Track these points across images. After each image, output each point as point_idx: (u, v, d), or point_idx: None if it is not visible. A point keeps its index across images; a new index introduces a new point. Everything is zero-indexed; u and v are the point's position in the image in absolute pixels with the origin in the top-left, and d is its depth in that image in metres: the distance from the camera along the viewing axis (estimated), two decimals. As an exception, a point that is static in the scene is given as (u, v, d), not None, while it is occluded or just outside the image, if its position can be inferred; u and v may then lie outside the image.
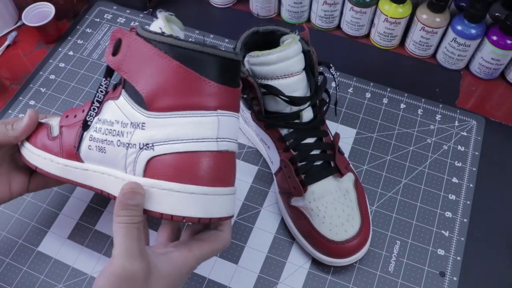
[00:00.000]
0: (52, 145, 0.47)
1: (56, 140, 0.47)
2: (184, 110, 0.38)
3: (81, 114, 0.46)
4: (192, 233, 0.44)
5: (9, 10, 0.77)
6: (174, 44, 0.37)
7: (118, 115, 0.41)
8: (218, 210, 0.40)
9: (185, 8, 0.81)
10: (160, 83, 0.38)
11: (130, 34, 0.39)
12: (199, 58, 0.38)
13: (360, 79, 0.71)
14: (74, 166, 0.46)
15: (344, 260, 0.53)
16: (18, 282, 0.54)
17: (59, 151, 0.46)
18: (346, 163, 0.56)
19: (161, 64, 0.38)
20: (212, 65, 0.38)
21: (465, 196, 0.60)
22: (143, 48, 0.38)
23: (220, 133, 0.39)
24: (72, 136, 0.45)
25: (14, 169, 0.51)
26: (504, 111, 0.68)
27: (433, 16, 0.67)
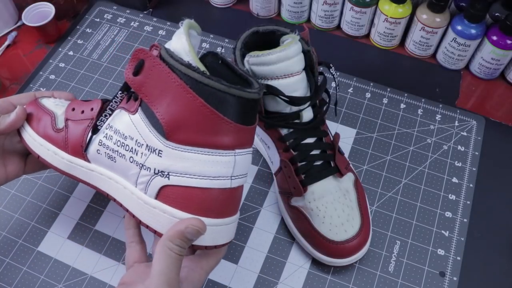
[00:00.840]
0: (57, 138, 0.46)
1: (61, 133, 0.46)
2: (203, 147, 0.38)
3: (90, 112, 0.45)
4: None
5: (9, 10, 0.77)
6: (201, 81, 0.37)
7: (133, 132, 0.40)
8: (223, 238, 0.41)
9: (185, 8, 0.81)
10: (181, 116, 0.38)
11: (155, 58, 0.38)
12: (223, 98, 0.37)
13: (360, 79, 0.71)
14: (80, 164, 0.45)
15: (344, 260, 0.53)
16: (18, 282, 0.54)
17: (64, 145, 0.46)
18: (346, 163, 0.56)
19: (185, 98, 0.37)
20: (235, 105, 0.38)
21: (465, 196, 0.60)
22: (167, 77, 0.37)
23: (235, 171, 0.40)
24: (79, 134, 0.45)
25: (9, 151, 0.51)
26: (504, 111, 0.68)
27: (433, 16, 0.67)
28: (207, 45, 0.75)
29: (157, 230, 0.40)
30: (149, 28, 0.77)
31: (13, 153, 0.51)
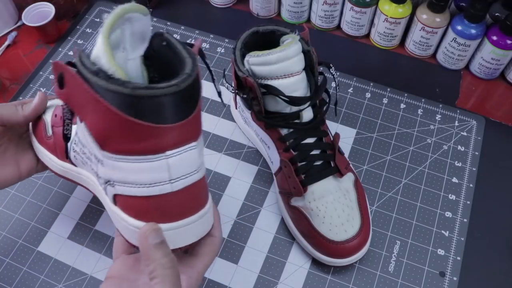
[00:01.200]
0: (49, 145, 0.48)
1: (51, 140, 0.48)
2: (131, 155, 0.35)
3: (60, 117, 0.46)
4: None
5: (9, 10, 0.77)
6: (107, 87, 0.33)
7: (84, 141, 0.40)
8: (192, 236, 0.39)
9: (185, 8, 0.81)
10: (104, 126, 0.35)
11: (68, 70, 0.36)
12: (133, 102, 0.33)
13: (360, 79, 0.71)
14: (69, 168, 0.47)
15: (344, 260, 0.53)
16: (18, 282, 0.54)
17: (55, 151, 0.47)
18: (346, 163, 0.56)
19: (99, 108, 0.34)
20: (150, 106, 0.33)
21: (465, 196, 0.60)
22: (82, 87, 0.34)
23: (172, 174, 0.36)
24: (61, 140, 0.46)
25: (22, 150, 0.52)
26: (504, 111, 0.68)
27: (433, 16, 0.67)
28: (207, 45, 0.75)
29: (123, 235, 0.40)
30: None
31: (27, 150, 0.52)
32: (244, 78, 0.51)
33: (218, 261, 0.55)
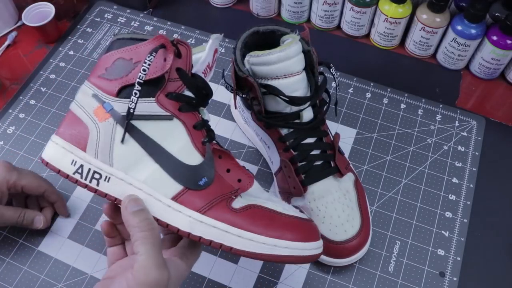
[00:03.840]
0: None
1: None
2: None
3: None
4: (173, 241, 0.45)
5: (9, 10, 0.77)
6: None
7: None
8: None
9: (185, 8, 0.81)
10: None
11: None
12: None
13: (360, 79, 0.71)
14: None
15: (344, 260, 0.53)
16: (18, 281, 0.54)
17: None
18: (346, 163, 0.56)
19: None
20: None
21: (465, 196, 0.60)
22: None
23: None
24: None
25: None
26: (504, 111, 0.68)
27: (433, 16, 0.67)
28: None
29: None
30: (149, 28, 0.77)
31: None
32: (244, 78, 0.51)
33: (218, 261, 0.55)
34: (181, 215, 0.41)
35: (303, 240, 0.42)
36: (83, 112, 0.43)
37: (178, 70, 0.42)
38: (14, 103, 0.69)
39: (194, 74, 0.44)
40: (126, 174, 0.41)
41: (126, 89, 0.42)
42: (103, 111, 0.42)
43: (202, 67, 0.44)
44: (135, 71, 0.41)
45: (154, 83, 0.41)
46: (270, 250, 0.40)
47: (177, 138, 0.42)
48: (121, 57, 0.42)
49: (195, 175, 0.42)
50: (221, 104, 0.68)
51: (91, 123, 0.42)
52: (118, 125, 0.41)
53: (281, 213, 0.43)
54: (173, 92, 0.42)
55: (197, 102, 0.44)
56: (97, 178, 0.42)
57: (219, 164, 0.43)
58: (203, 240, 0.40)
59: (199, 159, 0.42)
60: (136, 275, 0.37)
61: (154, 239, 0.38)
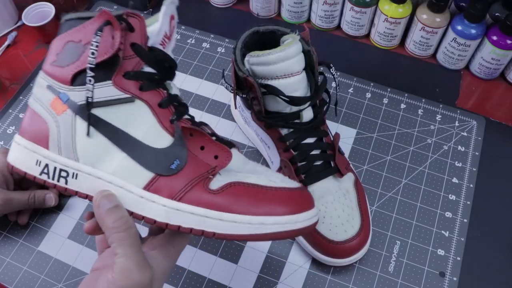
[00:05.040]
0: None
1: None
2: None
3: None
4: (160, 228, 0.43)
5: (9, 10, 0.77)
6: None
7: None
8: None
9: (185, 8, 0.80)
10: None
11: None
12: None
13: (360, 79, 0.71)
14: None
15: (344, 260, 0.53)
16: (18, 281, 0.54)
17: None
18: (346, 163, 0.56)
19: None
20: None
21: (465, 196, 0.60)
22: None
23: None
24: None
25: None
26: (504, 111, 0.68)
27: (433, 16, 0.67)
28: (207, 45, 0.75)
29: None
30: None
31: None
32: (244, 78, 0.51)
33: (218, 261, 0.55)
34: (155, 205, 0.37)
35: (294, 212, 0.38)
36: (41, 106, 0.39)
37: (132, 46, 0.38)
38: (14, 103, 0.69)
39: (151, 47, 0.39)
40: (93, 168, 0.38)
41: (81, 75, 0.38)
42: (59, 102, 0.38)
43: (158, 38, 0.40)
44: (85, 54, 0.37)
45: (108, 65, 0.37)
46: (256, 230, 0.37)
47: (142, 121, 0.38)
48: (71, 40, 0.38)
49: (165, 159, 0.38)
50: (221, 104, 0.68)
51: (49, 117, 0.39)
52: (77, 117, 0.38)
53: (266, 187, 0.39)
54: (131, 71, 0.38)
55: (160, 77, 0.40)
56: (65, 176, 0.39)
57: (191, 143, 0.39)
58: (182, 229, 0.37)
59: (169, 140, 0.39)
60: (117, 278, 0.35)
61: (131, 239, 0.36)
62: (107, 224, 0.36)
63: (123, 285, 0.35)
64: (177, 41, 0.75)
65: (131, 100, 0.38)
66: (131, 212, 0.38)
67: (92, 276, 0.38)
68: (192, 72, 0.72)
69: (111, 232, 0.36)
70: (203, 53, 0.74)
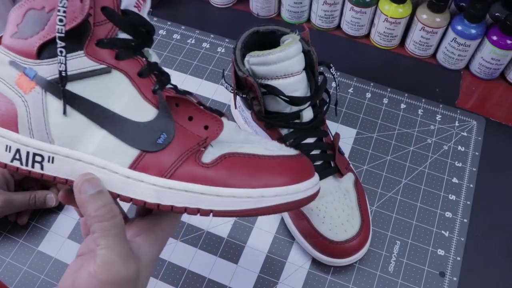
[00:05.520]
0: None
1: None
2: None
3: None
4: (145, 211, 0.40)
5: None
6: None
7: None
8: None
9: (185, 8, 0.81)
10: None
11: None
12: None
13: (360, 79, 0.71)
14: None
15: (344, 260, 0.53)
16: (18, 281, 0.54)
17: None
18: (346, 163, 0.56)
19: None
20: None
21: (465, 196, 0.60)
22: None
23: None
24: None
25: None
26: (504, 111, 0.68)
27: (433, 16, 0.67)
28: (207, 45, 0.75)
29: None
30: (149, 28, 0.77)
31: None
32: (244, 78, 0.51)
33: (218, 261, 0.56)
34: (143, 184, 0.34)
35: (294, 181, 0.35)
36: (4, 85, 0.35)
37: (103, 10, 0.34)
38: (14, 103, 0.69)
39: (125, 10, 0.35)
40: (71, 149, 0.35)
41: (47, 46, 0.34)
42: (26, 79, 0.34)
43: (132, 0, 0.35)
44: (51, 23, 0.33)
45: (78, 33, 0.33)
46: (257, 204, 0.34)
47: (121, 93, 0.35)
48: (31, 7, 0.34)
49: (151, 133, 0.35)
50: (221, 104, 0.68)
51: (16, 97, 0.35)
52: (48, 93, 0.34)
53: (263, 156, 0.36)
54: (104, 38, 0.34)
55: (137, 43, 0.36)
56: (39, 161, 0.35)
57: (178, 113, 0.36)
58: (175, 209, 0.34)
59: (153, 112, 0.35)
60: (98, 271, 0.32)
61: (115, 230, 0.33)
62: (89, 212, 0.33)
63: (105, 279, 0.32)
64: (177, 41, 0.75)
65: (107, 71, 0.34)
66: (117, 194, 0.35)
67: (75, 264, 0.36)
68: (192, 72, 0.72)
69: (93, 221, 0.33)
70: (203, 53, 0.74)
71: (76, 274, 0.34)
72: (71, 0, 0.33)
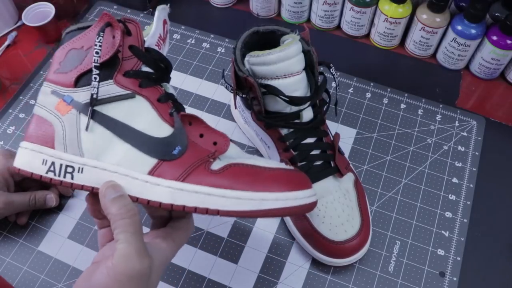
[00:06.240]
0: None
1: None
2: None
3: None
4: (162, 223, 0.44)
5: (9, 10, 0.77)
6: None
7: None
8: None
9: (185, 8, 0.81)
10: None
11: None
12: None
13: (360, 79, 0.71)
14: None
15: (344, 260, 0.53)
16: (18, 281, 0.54)
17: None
18: (346, 163, 0.56)
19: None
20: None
21: (465, 196, 0.60)
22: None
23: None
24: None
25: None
26: (504, 111, 0.68)
27: (433, 16, 0.67)
28: (207, 45, 0.75)
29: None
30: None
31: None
32: (244, 78, 0.51)
33: (218, 261, 0.55)
34: (160, 187, 0.39)
35: (293, 189, 0.40)
36: (46, 111, 0.42)
37: (130, 48, 0.42)
38: (14, 103, 0.69)
39: (148, 48, 0.43)
40: (98, 161, 0.40)
41: (83, 77, 0.41)
42: (64, 104, 0.41)
43: (154, 40, 0.43)
44: (88, 58, 0.41)
45: (109, 65, 0.41)
46: (259, 205, 0.38)
47: (143, 114, 0.41)
48: (73, 48, 0.42)
49: (167, 146, 0.40)
50: (221, 104, 0.68)
51: (54, 119, 0.41)
52: (81, 114, 0.41)
53: (265, 167, 0.41)
54: (130, 70, 0.42)
55: (157, 76, 0.43)
56: (70, 171, 0.41)
57: (191, 131, 0.42)
58: (187, 208, 0.39)
59: (169, 130, 0.41)
60: (116, 264, 0.36)
61: (134, 227, 0.38)
62: (112, 211, 0.38)
63: (122, 271, 0.36)
64: (177, 41, 0.75)
65: (132, 96, 0.41)
66: (136, 198, 0.40)
67: (91, 267, 0.39)
68: (192, 72, 0.72)
69: (116, 218, 0.38)
70: (203, 53, 0.74)
71: (93, 273, 0.37)
72: (105, 37, 0.40)
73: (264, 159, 0.43)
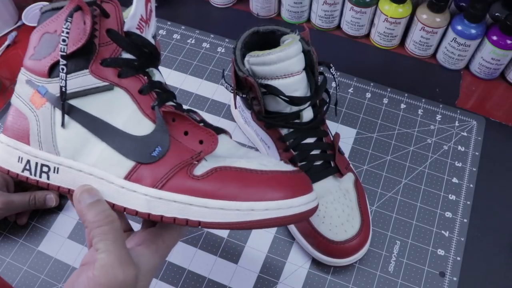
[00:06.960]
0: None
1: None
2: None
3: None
4: (150, 223, 0.41)
5: (9, 10, 0.77)
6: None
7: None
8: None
9: (185, 8, 0.81)
10: None
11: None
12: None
13: (360, 79, 0.71)
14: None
15: (344, 260, 0.53)
16: (18, 281, 0.54)
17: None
18: (346, 163, 0.56)
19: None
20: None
21: (465, 196, 0.60)
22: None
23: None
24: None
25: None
26: (504, 111, 0.68)
27: (433, 16, 0.67)
28: (207, 45, 0.75)
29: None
30: (149, 28, 0.77)
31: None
32: (244, 78, 0.51)
33: (218, 261, 0.56)
34: (136, 195, 0.36)
35: (288, 196, 0.35)
36: (21, 102, 0.38)
37: (108, 32, 0.37)
38: (14, 103, 0.69)
39: (128, 32, 0.37)
40: (74, 160, 0.37)
41: (57, 66, 0.36)
42: (38, 96, 0.37)
43: (134, 22, 0.37)
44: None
45: (84, 53, 0.36)
46: (245, 217, 0.34)
47: (121, 109, 0.37)
48: (46, 31, 0.37)
49: (146, 146, 0.36)
50: (221, 104, 0.68)
51: (29, 112, 0.38)
52: (56, 109, 0.37)
53: (257, 170, 0.36)
54: (108, 58, 0.37)
55: (140, 62, 0.38)
56: (46, 171, 0.37)
57: (174, 128, 0.37)
58: (165, 219, 0.35)
59: (150, 127, 0.37)
60: (96, 275, 0.33)
61: (114, 234, 0.34)
62: (89, 218, 0.35)
63: (103, 283, 0.33)
64: (177, 41, 0.75)
65: (109, 88, 0.37)
66: (112, 204, 0.36)
67: (77, 272, 0.36)
68: (192, 72, 0.72)
69: (93, 226, 0.35)
70: (203, 53, 0.74)
71: (76, 280, 0.35)
72: (74, 22, 0.36)
73: (261, 156, 0.40)
